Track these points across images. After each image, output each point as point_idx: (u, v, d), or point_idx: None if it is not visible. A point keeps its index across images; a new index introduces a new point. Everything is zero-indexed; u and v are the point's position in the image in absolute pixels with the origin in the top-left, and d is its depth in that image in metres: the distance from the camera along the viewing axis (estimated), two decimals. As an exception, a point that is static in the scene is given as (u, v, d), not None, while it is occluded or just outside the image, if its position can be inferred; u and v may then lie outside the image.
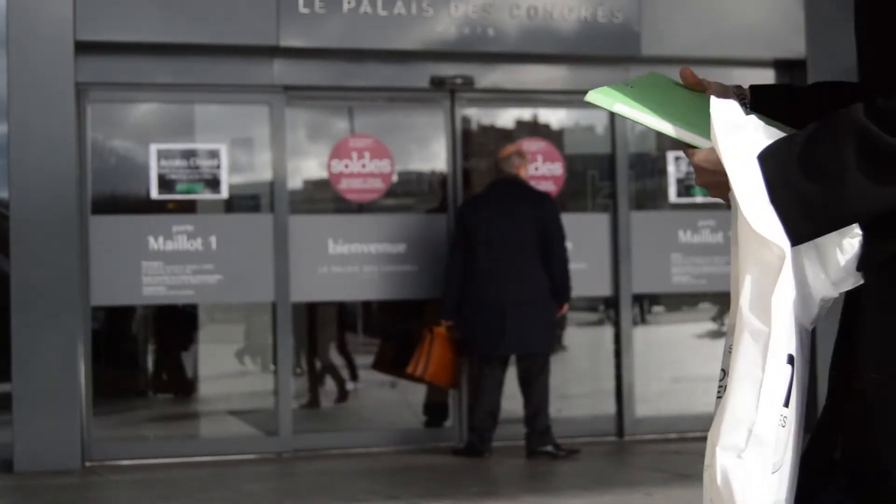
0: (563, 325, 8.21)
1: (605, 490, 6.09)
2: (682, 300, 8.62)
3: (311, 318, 8.15)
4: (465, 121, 8.11)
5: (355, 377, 8.38)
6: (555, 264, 7.18)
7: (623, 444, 7.91)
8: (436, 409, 7.94)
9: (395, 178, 7.92)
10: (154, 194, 7.44)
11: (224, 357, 8.12)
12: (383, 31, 7.52)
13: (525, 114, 8.54)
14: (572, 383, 8.30)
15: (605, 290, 8.09)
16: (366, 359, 8.31)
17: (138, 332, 8.17)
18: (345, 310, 8.43)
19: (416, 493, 6.17)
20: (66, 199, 7.02)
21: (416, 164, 8.35)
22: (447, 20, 7.61)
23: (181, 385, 8.19)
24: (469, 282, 7.20)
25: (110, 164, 7.71)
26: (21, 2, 6.96)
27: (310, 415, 8.05)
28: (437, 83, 7.77)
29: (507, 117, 8.56)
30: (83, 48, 7.09)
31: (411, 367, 7.33)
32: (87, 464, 7.08)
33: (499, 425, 7.31)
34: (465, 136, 8.06)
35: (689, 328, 8.67)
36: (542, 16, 7.73)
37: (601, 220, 8.12)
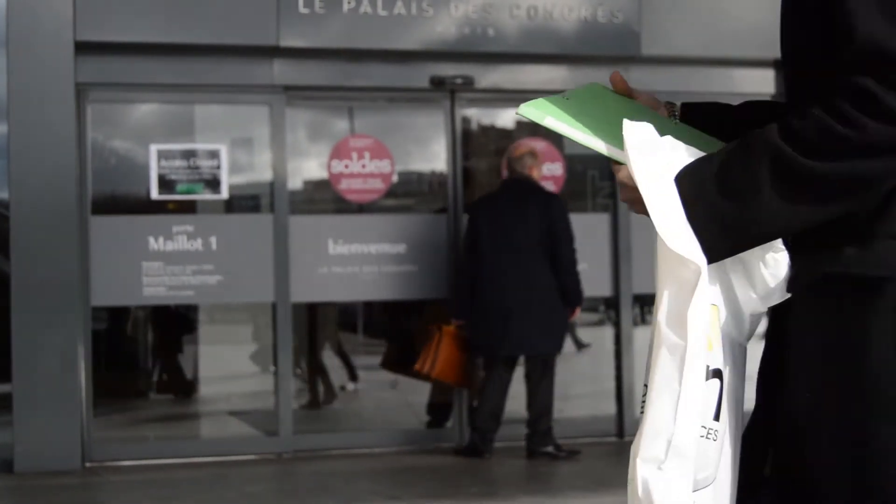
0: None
1: (606, 491, 6.08)
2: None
3: (312, 318, 8.15)
4: (466, 121, 8.11)
5: (355, 377, 8.38)
6: (562, 266, 7.11)
7: (623, 444, 7.89)
8: (439, 409, 7.93)
9: (395, 179, 7.92)
10: (154, 194, 7.44)
11: (224, 357, 8.13)
12: (383, 31, 7.51)
13: (525, 114, 8.52)
14: (573, 384, 8.29)
15: (605, 290, 8.09)
16: (366, 359, 8.31)
17: (138, 333, 8.18)
18: (345, 310, 8.43)
19: (416, 493, 6.17)
20: (67, 199, 7.02)
21: (417, 165, 8.35)
22: (447, 20, 7.60)
23: (181, 385, 8.20)
24: (477, 281, 7.18)
25: (110, 165, 7.71)
26: (21, 2, 6.96)
27: (310, 415, 8.05)
28: (437, 83, 7.76)
29: (507, 117, 8.55)
30: (83, 48, 7.09)
31: (419, 365, 7.33)
32: (88, 464, 7.07)
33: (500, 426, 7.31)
34: (466, 137, 8.05)
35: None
36: (542, 16, 7.73)
37: (601, 220, 8.11)
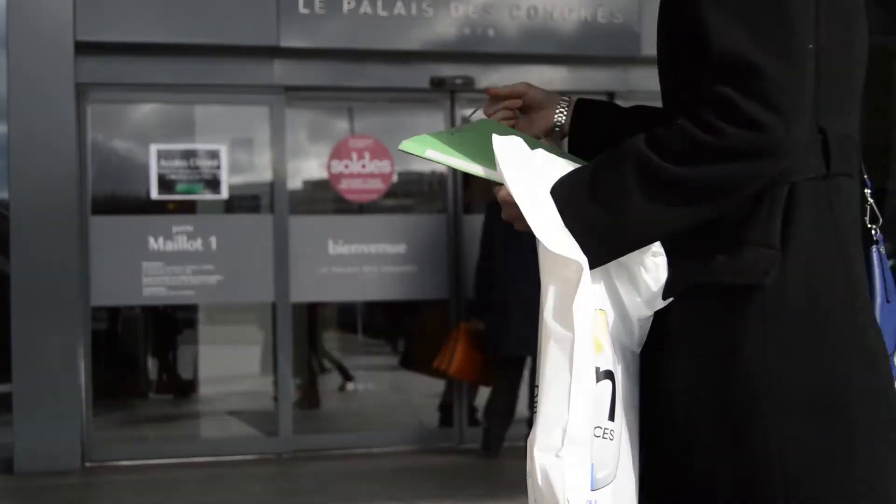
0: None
1: (606, 491, 6.07)
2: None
3: (312, 318, 8.15)
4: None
5: (349, 377, 8.38)
6: None
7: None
8: (450, 408, 7.92)
9: (395, 179, 7.92)
10: (154, 195, 7.44)
11: (224, 357, 8.13)
12: (383, 32, 7.52)
13: (525, 114, 8.53)
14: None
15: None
16: (366, 359, 8.31)
17: (138, 333, 8.18)
18: (345, 310, 8.43)
19: (416, 493, 6.17)
20: (67, 199, 7.01)
21: (417, 165, 8.35)
22: (447, 21, 7.61)
23: (181, 385, 8.20)
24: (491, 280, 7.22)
25: (110, 165, 7.71)
26: (21, 2, 6.96)
27: (310, 415, 8.05)
28: (438, 84, 7.76)
29: (507, 118, 8.55)
30: (83, 48, 7.09)
31: (437, 362, 7.38)
32: (88, 464, 7.08)
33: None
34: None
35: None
36: (542, 16, 7.73)
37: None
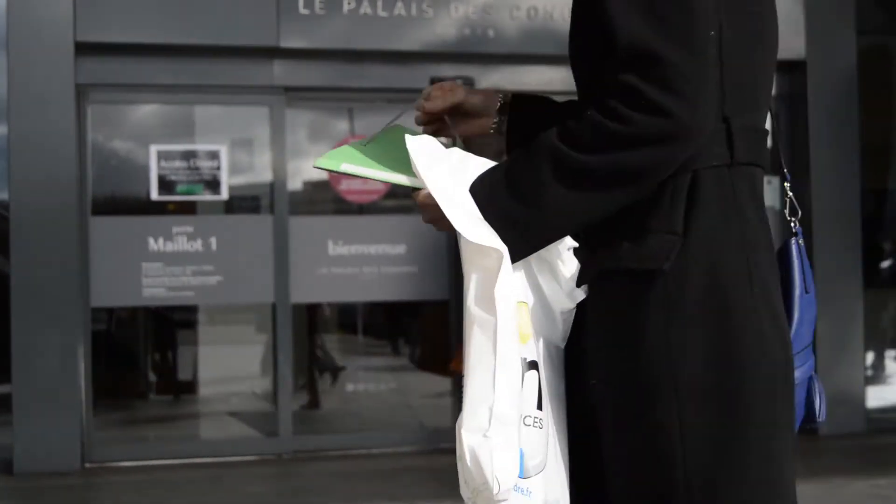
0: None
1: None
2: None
3: (311, 319, 8.15)
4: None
5: (337, 369, 8.38)
6: None
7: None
8: None
9: (395, 179, 7.91)
10: (154, 195, 7.43)
11: (224, 358, 8.12)
12: (383, 32, 7.52)
13: (525, 115, 8.53)
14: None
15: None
16: (366, 360, 8.30)
17: (138, 333, 8.17)
18: (345, 311, 8.42)
19: (416, 494, 6.16)
20: (66, 200, 7.01)
21: (417, 166, 8.36)
22: (447, 21, 7.61)
23: (181, 386, 8.19)
24: None
25: (110, 165, 7.70)
26: (21, 2, 6.96)
27: (310, 416, 8.05)
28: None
29: (507, 118, 8.55)
30: (83, 49, 7.09)
31: (454, 364, 7.37)
32: (87, 465, 7.07)
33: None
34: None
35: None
36: (543, 17, 7.73)
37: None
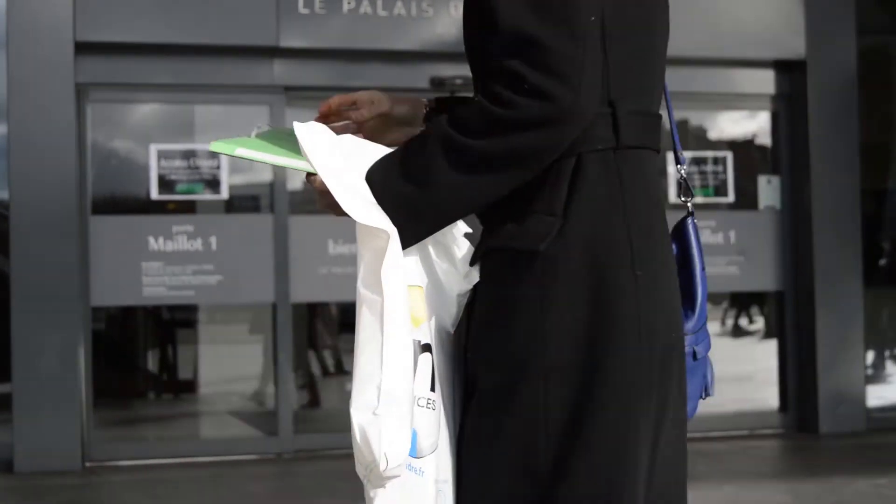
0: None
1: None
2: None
3: (312, 318, 8.15)
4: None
5: (326, 372, 8.38)
6: None
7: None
8: None
9: (395, 179, 7.92)
10: (154, 195, 7.44)
11: (224, 357, 8.13)
12: (383, 32, 7.52)
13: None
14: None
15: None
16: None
17: (138, 333, 8.18)
18: (345, 310, 8.42)
19: (416, 493, 6.16)
20: (67, 199, 7.02)
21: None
22: (447, 21, 7.60)
23: (181, 385, 8.20)
24: None
25: (110, 165, 7.71)
26: (21, 2, 6.96)
27: (310, 415, 8.05)
28: (437, 84, 7.76)
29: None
30: (83, 48, 7.09)
31: None
32: (88, 464, 7.08)
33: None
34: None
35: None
36: (543, 16, 7.72)
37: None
